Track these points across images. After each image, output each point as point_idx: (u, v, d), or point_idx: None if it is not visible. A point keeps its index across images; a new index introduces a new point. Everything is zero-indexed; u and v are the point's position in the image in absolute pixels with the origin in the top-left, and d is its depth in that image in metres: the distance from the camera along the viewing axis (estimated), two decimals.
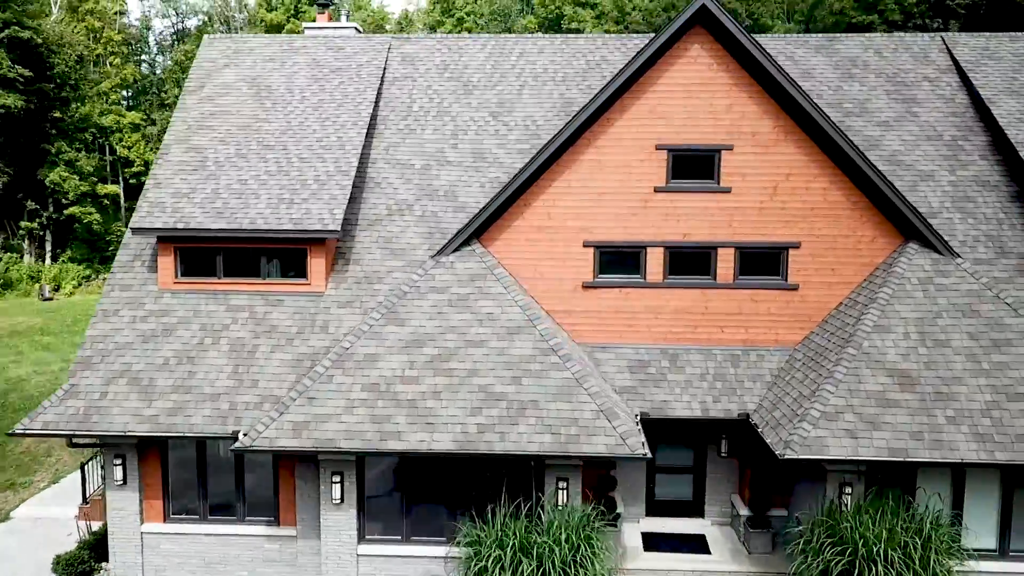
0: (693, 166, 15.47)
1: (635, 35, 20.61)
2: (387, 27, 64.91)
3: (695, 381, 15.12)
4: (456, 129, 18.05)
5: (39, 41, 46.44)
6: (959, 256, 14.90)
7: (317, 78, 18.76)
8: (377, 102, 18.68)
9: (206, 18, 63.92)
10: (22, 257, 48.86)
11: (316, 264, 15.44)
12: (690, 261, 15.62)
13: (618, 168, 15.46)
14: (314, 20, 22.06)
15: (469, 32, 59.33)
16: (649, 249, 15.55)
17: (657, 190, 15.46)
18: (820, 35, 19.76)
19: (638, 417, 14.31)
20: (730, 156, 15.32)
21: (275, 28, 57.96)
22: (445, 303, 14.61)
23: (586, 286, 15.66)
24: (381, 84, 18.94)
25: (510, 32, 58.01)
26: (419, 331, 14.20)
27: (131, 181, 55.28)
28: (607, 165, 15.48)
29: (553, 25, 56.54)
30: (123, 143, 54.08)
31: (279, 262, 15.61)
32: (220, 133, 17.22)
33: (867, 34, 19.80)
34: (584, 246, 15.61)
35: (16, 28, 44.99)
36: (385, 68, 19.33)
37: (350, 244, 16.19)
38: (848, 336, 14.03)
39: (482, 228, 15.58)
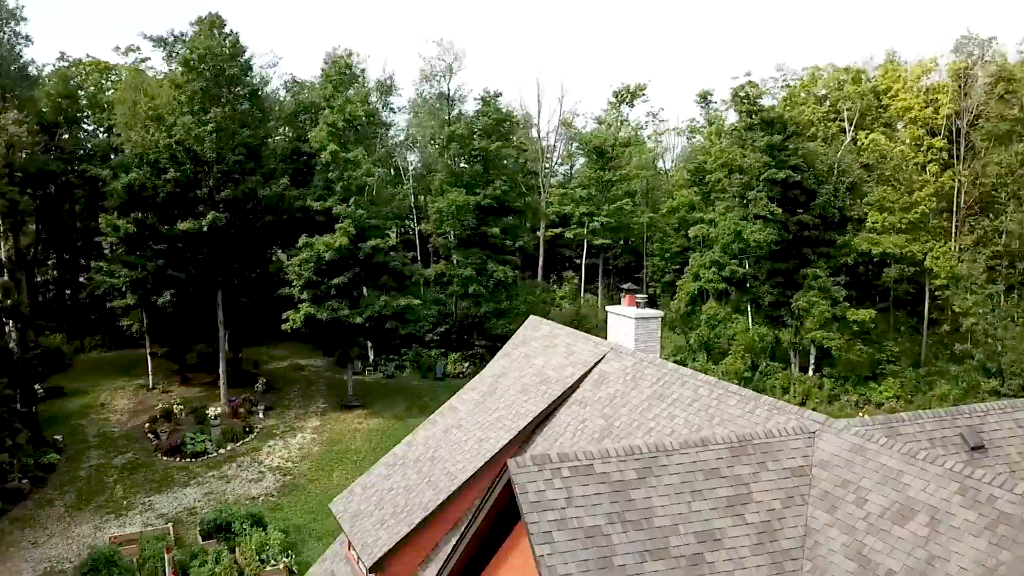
0: None
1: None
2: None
3: None
4: None
5: (797, 179, 50.34)
6: None
7: (537, 380, 19.05)
8: (553, 416, 17.83)
9: None
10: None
11: None
12: None
13: None
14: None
15: None
16: None
17: None
18: None
19: None
20: None
21: None
22: None
23: None
24: (566, 400, 17.90)
25: None
26: None
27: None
28: None
29: None
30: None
31: None
32: (435, 429, 19.91)
33: None
34: None
35: (773, 171, 49.96)
36: (584, 378, 18.02)
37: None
38: None
39: None
